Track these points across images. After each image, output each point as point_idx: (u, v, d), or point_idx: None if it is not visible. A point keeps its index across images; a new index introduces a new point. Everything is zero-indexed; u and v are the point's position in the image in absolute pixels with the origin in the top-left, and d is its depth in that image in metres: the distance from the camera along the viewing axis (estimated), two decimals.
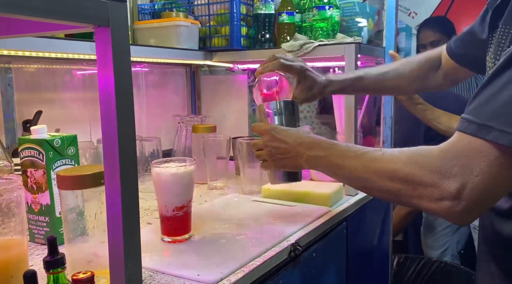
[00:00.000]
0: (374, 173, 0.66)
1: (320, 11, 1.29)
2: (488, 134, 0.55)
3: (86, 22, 0.48)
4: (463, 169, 0.57)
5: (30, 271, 0.51)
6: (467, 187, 0.56)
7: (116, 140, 0.49)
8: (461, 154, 0.57)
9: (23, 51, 0.94)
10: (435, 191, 0.59)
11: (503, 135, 0.54)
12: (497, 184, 0.56)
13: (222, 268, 0.71)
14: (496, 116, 0.55)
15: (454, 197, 0.57)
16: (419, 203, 0.61)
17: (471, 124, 0.57)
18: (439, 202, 0.59)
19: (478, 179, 0.56)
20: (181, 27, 1.31)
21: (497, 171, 0.55)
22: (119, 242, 0.51)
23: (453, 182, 0.57)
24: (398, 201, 0.67)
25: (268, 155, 0.83)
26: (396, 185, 0.63)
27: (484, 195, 0.57)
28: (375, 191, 0.68)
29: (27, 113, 1.18)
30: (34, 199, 0.83)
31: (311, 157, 0.77)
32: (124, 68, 0.50)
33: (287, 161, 0.81)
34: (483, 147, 0.55)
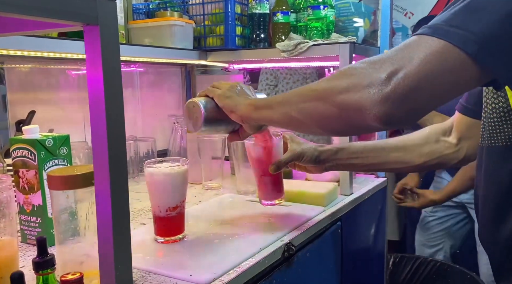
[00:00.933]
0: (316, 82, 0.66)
1: (315, 11, 1.29)
2: (435, 32, 0.56)
3: (75, 20, 0.47)
4: (402, 56, 0.56)
5: (17, 273, 0.50)
6: (400, 72, 0.55)
7: (106, 141, 0.49)
8: (405, 46, 0.58)
9: (15, 51, 0.93)
10: (364, 78, 0.57)
11: (448, 32, 0.55)
12: (431, 77, 0.55)
13: (215, 268, 0.71)
14: (446, 19, 0.57)
15: (382, 81, 0.55)
16: (347, 96, 0.58)
17: (424, 29, 0.58)
18: (366, 89, 0.56)
19: (414, 64, 0.55)
20: (175, 27, 1.31)
21: (435, 63, 0.55)
22: (109, 243, 0.51)
23: (387, 67, 0.56)
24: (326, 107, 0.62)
25: (225, 87, 0.80)
26: (331, 82, 0.62)
27: (415, 85, 0.54)
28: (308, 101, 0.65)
29: (20, 113, 1.18)
30: (26, 199, 0.82)
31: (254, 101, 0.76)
32: (113, 67, 0.49)
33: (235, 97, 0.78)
34: (429, 41, 0.56)
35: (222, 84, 0.82)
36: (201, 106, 0.78)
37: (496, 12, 0.54)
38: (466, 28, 0.55)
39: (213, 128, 0.82)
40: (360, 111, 0.58)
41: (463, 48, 0.54)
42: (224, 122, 0.81)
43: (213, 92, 0.80)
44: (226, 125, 0.82)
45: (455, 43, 0.54)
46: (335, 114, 0.62)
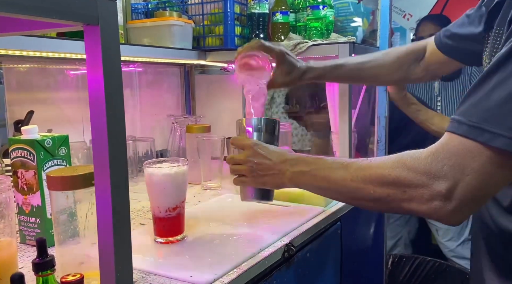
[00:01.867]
0: (362, 180, 0.65)
1: (314, 11, 1.29)
2: (479, 136, 0.55)
3: (75, 20, 0.47)
4: (453, 169, 0.56)
5: (17, 274, 0.50)
6: (458, 186, 0.56)
7: (106, 140, 0.49)
8: (451, 154, 0.57)
9: (13, 51, 0.93)
10: (425, 192, 0.58)
11: (494, 137, 0.54)
12: (488, 183, 0.56)
13: (215, 269, 0.71)
14: (487, 117, 0.55)
15: (444, 196, 0.57)
16: (409, 206, 0.60)
17: (462, 125, 0.57)
18: (430, 202, 0.58)
19: (469, 178, 0.56)
20: (174, 27, 1.31)
21: (489, 171, 0.55)
22: (109, 244, 0.50)
23: (443, 182, 0.57)
24: (389, 207, 0.65)
25: (248, 170, 0.80)
26: (385, 190, 0.62)
27: (475, 194, 0.57)
28: (365, 200, 0.66)
29: (19, 113, 1.17)
30: (25, 200, 0.82)
31: (295, 173, 0.75)
32: (114, 67, 0.49)
33: (268, 178, 0.78)
34: (474, 148, 0.55)
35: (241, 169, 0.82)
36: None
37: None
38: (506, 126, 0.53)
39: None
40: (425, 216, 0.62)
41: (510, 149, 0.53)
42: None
43: (246, 185, 0.84)
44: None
45: (503, 148, 0.54)
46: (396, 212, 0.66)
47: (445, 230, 1.90)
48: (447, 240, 1.90)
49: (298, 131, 1.94)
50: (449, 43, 0.93)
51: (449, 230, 1.90)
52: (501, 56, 0.55)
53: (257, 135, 0.85)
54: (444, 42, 0.95)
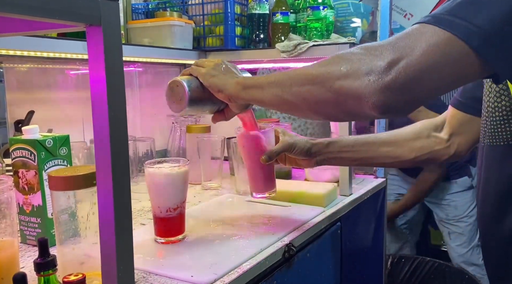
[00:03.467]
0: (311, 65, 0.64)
1: (315, 11, 1.29)
2: (439, 22, 0.55)
3: (78, 21, 0.47)
4: (404, 45, 0.55)
5: (20, 274, 0.50)
6: (401, 61, 0.54)
7: (108, 141, 0.49)
8: (407, 35, 0.56)
9: (14, 51, 0.93)
10: (364, 65, 0.55)
11: (453, 24, 0.54)
12: (432, 68, 0.54)
13: (216, 269, 0.71)
14: (451, 10, 0.56)
15: (382, 69, 0.54)
16: (342, 83, 0.57)
17: (427, 17, 0.57)
18: (364, 77, 0.55)
19: (416, 54, 0.54)
20: (175, 27, 1.31)
21: (437, 54, 0.54)
22: (111, 244, 0.50)
23: (388, 55, 0.54)
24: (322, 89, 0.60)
25: (210, 65, 0.78)
26: (327, 68, 0.60)
27: (415, 75, 0.54)
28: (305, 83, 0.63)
29: (19, 113, 1.17)
30: (26, 200, 0.82)
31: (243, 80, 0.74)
32: (116, 67, 0.49)
33: (222, 75, 0.76)
34: (431, 30, 0.55)
35: (206, 62, 0.79)
36: (185, 86, 0.76)
37: (500, 7, 0.54)
38: (470, 20, 0.54)
39: (198, 108, 0.79)
40: (358, 98, 0.57)
41: (467, 41, 0.53)
42: (209, 102, 0.79)
43: (198, 71, 0.78)
44: (212, 105, 0.80)
45: (459, 36, 0.54)
46: (331, 100, 0.61)
47: (458, 234, 1.89)
48: (458, 244, 1.89)
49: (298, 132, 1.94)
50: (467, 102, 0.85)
51: (462, 235, 1.89)
52: None
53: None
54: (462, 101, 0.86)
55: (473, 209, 1.87)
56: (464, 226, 1.88)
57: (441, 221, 1.96)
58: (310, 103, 0.64)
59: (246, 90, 0.73)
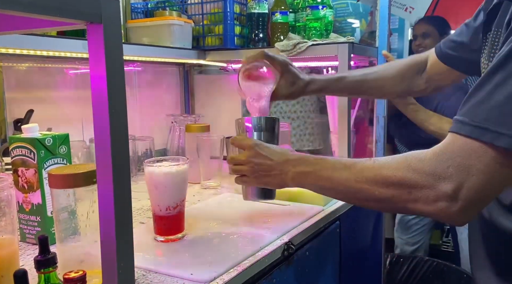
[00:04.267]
0: (367, 181, 0.65)
1: (314, 11, 1.30)
2: (483, 136, 0.55)
3: (79, 18, 0.47)
4: (458, 169, 0.57)
5: (21, 270, 0.50)
6: (464, 187, 0.56)
7: (109, 139, 0.49)
8: (456, 155, 0.57)
9: (14, 49, 0.93)
10: (430, 193, 0.59)
11: (498, 136, 0.54)
12: (493, 183, 0.57)
13: (216, 267, 0.71)
14: (489, 117, 0.55)
15: (450, 197, 0.57)
16: (415, 206, 0.61)
17: (465, 125, 0.57)
18: (435, 203, 0.59)
19: (474, 178, 0.56)
20: (174, 26, 1.31)
21: (493, 171, 0.56)
22: (111, 241, 0.51)
23: (449, 182, 0.57)
24: (394, 207, 0.66)
25: (250, 170, 0.80)
26: (390, 191, 0.63)
27: (480, 194, 0.57)
28: (370, 201, 0.67)
29: (18, 112, 1.17)
30: (25, 198, 0.82)
31: (297, 173, 0.75)
32: (116, 65, 0.49)
33: (271, 179, 0.78)
34: (479, 148, 0.56)
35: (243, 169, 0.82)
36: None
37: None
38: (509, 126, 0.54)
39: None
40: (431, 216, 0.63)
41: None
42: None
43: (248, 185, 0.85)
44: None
45: (507, 147, 0.54)
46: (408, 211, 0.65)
47: None
48: None
49: (297, 132, 1.94)
50: (449, 52, 0.93)
51: None
52: (502, 56, 0.56)
53: (257, 135, 0.85)
54: (444, 52, 0.94)
55: None
56: None
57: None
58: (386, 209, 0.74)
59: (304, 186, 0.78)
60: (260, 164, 0.79)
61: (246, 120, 0.87)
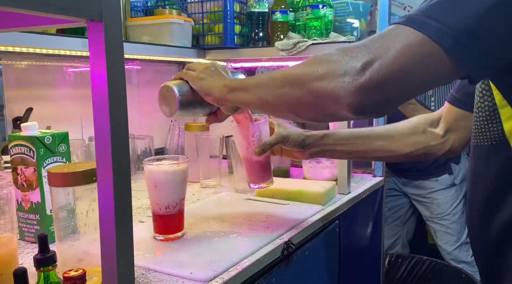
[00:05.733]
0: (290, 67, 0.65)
1: (314, 10, 1.29)
2: (412, 23, 0.55)
3: (79, 16, 0.47)
4: (379, 46, 0.56)
5: (21, 269, 0.50)
6: (376, 62, 0.55)
7: (109, 137, 0.49)
8: (382, 36, 0.57)
9: (13, 47, 0.93)
10: (339, 67, 0.57)
11: (425, 24, 0.54)
12: (406, 69, 0.55)
13: (215, 266, 0.71)
14: (425, 11, 0.56)
15: (357, 71, 0.55)
16: (319, 84, 0.58)
17: (403, 18, 0.58)
18: (340, 78, 0.56)
19: (390, 55, 0.54)
20: (174, 25, 1.31)
21: (411, 55, 0.54)
22: (111, 240, 0.50)
23: (363, 56, 0.55)
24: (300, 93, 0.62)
25: (201, 68, 0.78)
26: (305, 68, 0.61)
27: (389, 76, 0.54)
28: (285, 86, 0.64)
29: (18, 110, 1.17)
30: (24, 196, 0.82)
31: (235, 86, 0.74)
32: (117, 63, 0.49)
33: (210, 78, 0.76)
34: (405, 31, 0.55)
35: (197, 66, 0.80)
36: (175, 90, 0.77)
37: (473, 8, 0.54)
38: (443, 21, 0.54)
39: (189, 112, 0.80)
40: (334, 100, 0.58)
41: (439, 42, 0.54)
42: (200, 105, 0.79)
43: (187, 75, 0.79)
44: (203, 108, 0.81)
45: (432, 37, 0.54)
46: (309, 102, 0.62)
47: (443, 232, 1.91)
48: (445, 242, 1.91)
49: None
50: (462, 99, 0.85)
51: (447, 233, 1.90)
52: None
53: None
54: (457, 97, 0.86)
55: (457, 206, 1.89)
56: (449, 224, 1.90)
57: (427, 220, 1.98)
58: (290, 105, 0.65)
59: (232, 92, 0.73)
60: (212, 68, 0.78)
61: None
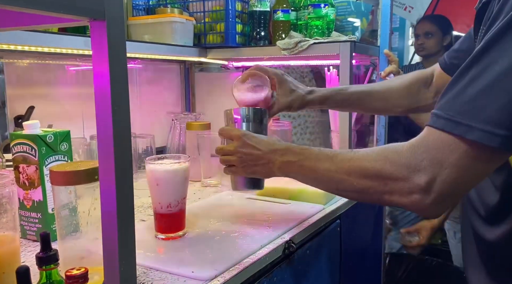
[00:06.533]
0: (346, 172, 0.67)
1: (316, 9, 1.29)
2: (455, 129, 0.56)
3: (82, 15, 0.47)
4: (432, 162, 0.58)
5: (23, 267, 0.50)
6: (437, 180, 0.57)
7: (112, 136, 0.49)
8: (430, 148, 0.58)
9: (15, 45, 0.93)
10: (405, 185, 0.60)
11: (469, 129, 0.55)
12: (465, 176, 0.57)
13: (217, 265, 0.71)
14: (462, 111, 0.56)
15: (423, 190, 0.58)
16: (390, 198, 0.63)
17: (440, 119, 0.58)
18: (409, 195, 0.60)
19: (447, 171, 0.57)
20: (176, 23, 1.31)
21: (466, 164, 0.56)
22: (113, 239, 0.50)
23: (423, 175, 0.58)
24: (371, 199, 0.67)
25: (238, 161, 0.80)
26: (367, 182, 0.64)
27: (453, 188, 0.58)
28: (349, 191, 0.69)
29: (19, 108, 1.17)
30: (26, 195, 0.82)
31: (284, 163, 0.76)
32: (120, 62, 0.49)
33: (258, 168, 0.79)
34: (452, 141, 0.56)
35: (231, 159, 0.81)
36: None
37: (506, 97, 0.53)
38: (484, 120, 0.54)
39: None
40: (406, 208, 0.63)
41: (488, 144, 0.54)
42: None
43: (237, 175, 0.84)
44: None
45: (479, 141, 0.54)
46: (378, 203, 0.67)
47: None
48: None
49: (297, 130, 1.94)
50: (454, 62, 0.90)
51: None
52: (476, 52, 0.56)
53: (245, 126, 0.86)
54: (449, 63, 0.91)
55: None
56: None
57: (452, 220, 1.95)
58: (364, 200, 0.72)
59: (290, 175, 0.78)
60: (248, 154, 0.79)
61: (235, 112, 0.87)
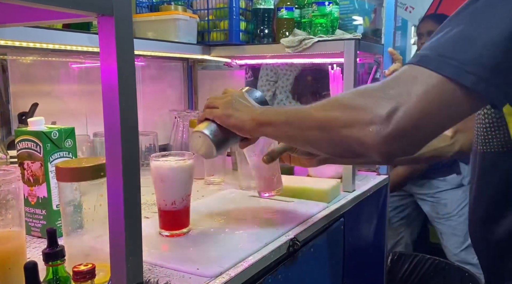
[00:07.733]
0: (316, 107, 0.66)
1: (320, 7, 1.29)
2: (430, 63, 0.55)
3: (90, 10, 0.47)
4: (399, 92, 0.56)
5: (31, 262, 0.50)
6: (400, 109, 0.55)
7: (119, 132, 0.49)
8: (401, 80, 0.57)
9: (20, 42, 0.93)
10: (366, 115, 0.57)
11: (443, 65, 0.54)
12: (430, 113, 0.55)
13: (221, 262, 0.71)
14: (441, 50, 0.56)
15: (384, 119, 0.56)
16: (349, 131, 0.59)
17: (417, 57, 0.58)
18: (368, 126, 0.57)
19: (413, 102, 0.54)
20: (179, 21, 1.30)
21: (433, 99, 0.55)
22: (120, 235, 0.50)
23: (386, 103, 0.56)
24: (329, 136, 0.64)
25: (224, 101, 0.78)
26: (332, 113, 0.63)
27: (415, 122, 0.55)
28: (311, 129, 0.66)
29: (23, 105, 1.17)
30: (31, 191, 0.82)
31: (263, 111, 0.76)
32: (127, 58, 0.49)
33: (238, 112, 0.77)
34: (424, 74, 0.55)
35: (217, 101, 0.80)
36: (207, 135, 0.78)
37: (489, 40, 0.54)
38: (460, 59, 0.54)
39: (226, 147, 0.83)
40: (363, 147, 0.59)
41: (460, 81, 0.54)
42: (233, 138, 0.81)
43: (213, 114, 0.80)
44: (236, 139, 0.82)
45: (450, 77, 0.54)
46: (339, 145, 0.64)
47: (450, 233, 1.90)
48: (450, 244, 1.90)
49: None
50: None
51: (453, 234, 1.90)
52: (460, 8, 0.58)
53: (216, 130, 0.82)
54: None
55: (464, 207, 1.88)
56: (455, 225, 1.88)
57: (433, 220, 1.97)
58: (319, 146, 0.69)
59: (262, 128, 0.75)
60: (236, 100, 0.78)
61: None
